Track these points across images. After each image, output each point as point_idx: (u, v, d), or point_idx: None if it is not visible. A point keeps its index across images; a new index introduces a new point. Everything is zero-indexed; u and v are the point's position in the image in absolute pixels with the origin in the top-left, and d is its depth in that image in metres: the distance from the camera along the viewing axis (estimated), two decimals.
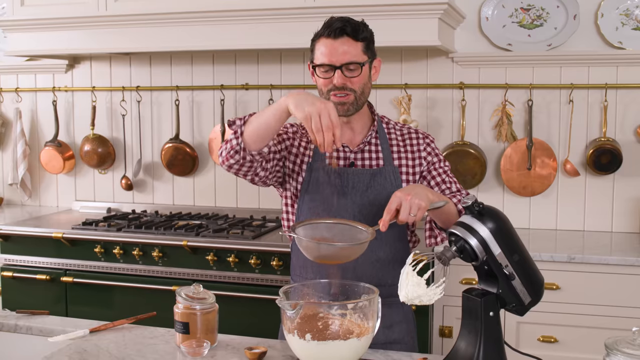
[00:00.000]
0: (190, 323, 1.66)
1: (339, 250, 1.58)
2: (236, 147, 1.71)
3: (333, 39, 1.74)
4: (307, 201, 1.86)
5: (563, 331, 2.63)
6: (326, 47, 1.75)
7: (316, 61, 1.78)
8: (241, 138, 1.70)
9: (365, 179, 1.84)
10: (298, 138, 1.93)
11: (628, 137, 3.03)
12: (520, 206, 3.16)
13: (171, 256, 2.96)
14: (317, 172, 1.86)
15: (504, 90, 3.11)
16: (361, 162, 1.87)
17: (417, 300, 1.45)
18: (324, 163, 1.85)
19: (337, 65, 1.74)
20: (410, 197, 1.57)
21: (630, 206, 3.04)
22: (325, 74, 1.77)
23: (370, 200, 1.82)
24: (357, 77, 1.76)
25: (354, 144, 1.89)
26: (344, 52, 1.74)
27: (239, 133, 1.70)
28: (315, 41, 1.80)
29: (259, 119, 1.70)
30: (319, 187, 1.84)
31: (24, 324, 1.87)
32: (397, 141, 1.91)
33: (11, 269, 3.17)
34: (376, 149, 1.89)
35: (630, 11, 2.96)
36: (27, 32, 3.26)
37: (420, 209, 1.57)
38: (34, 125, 3.83)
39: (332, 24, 1.76)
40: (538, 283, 1.51)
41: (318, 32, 1.80)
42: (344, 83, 1.76)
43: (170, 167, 3.54)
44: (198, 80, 3.53)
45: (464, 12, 3.08)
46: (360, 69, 1.76)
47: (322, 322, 1.50)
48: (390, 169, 1.86)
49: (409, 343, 1.91)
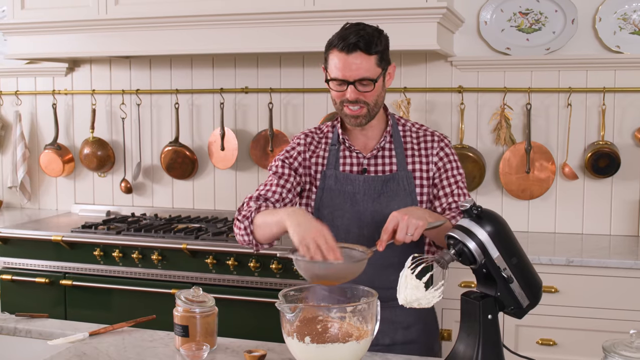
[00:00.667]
0: (189, 326, 1.67)
1: (336, 269, 1.56)
2: (249, 244, 1.81)
3: (346, 53, 1.72)
4: (321, 208, 1.87)
5: (562, 334, 2.64)
6: (339, 61, 1.73)
7: (330, 74, 1.77)
8: (252, 236, 1.78)
9: (378, 186, 1.84)
10: (305, 151, 1.92)
11: (626, 140, 3.04)
12: (519, 209, 3.17)
13: (170, 259, 2.96)
14: (331, 180, 1.87)
15: (503, 94, 3.12)
16: (374, 167, 1.87)
17: (415, 303, 1.45)
18: (336, 171, 1.86)
19: (350, 81, 1.74)
20: (407, 217, 1.58)
21: (629, 209, 3.05)
22: (338, 87, 1.77)
23: (382, 206, 1.82)
24: (370, 92, 1.76)
25: (367, 149, 1.89)
26: (357, 68, 1.72)
27: (249, 230, 1.78)
28: (329, 51, 1.78)
29: (265, 229, 1.75)
30: (332, 194, 1.85)
31: (24, 327, 1.87)
32: (412, 144, 1.89)
33: (10, 272, 3.17)
34: (390, 153, 1.88)
35: (628, 15, 2.98)
36: (27, 35, 3.27)
37: (417, 229, 1.58)
38: (33, 128, 3.84)
39: (346, 37, 1.72)
40: (536, 286, 1.52)
41: (332, 40, 1.77)
42: (357, 97, 1.76)
43: (170, 170, 3.55)
44: (198, 84, 3.54)
45: (462, 16, 3.10)
46: (373, 84, 1.75)
47: (322, 325, 1.50)
48: (404, 174, 1.85)
49: (426, 342, 1.91)
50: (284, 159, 1.92)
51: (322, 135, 1.94)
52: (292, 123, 3.42)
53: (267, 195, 1.86)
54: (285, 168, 1.90)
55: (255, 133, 3.46)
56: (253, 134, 3.47)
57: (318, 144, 1.93)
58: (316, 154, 1.92)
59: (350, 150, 1.89)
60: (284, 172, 1.89)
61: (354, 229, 1.83)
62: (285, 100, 3.43)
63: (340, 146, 1.90)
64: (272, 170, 1.91)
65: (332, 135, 1.92)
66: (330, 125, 1.95)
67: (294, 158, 1.92)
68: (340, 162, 1.88)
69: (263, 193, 1.87)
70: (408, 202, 1.83)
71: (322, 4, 2.84)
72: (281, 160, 1.92)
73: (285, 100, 3.43)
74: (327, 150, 1.91)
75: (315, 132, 1.96)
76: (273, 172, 1.91)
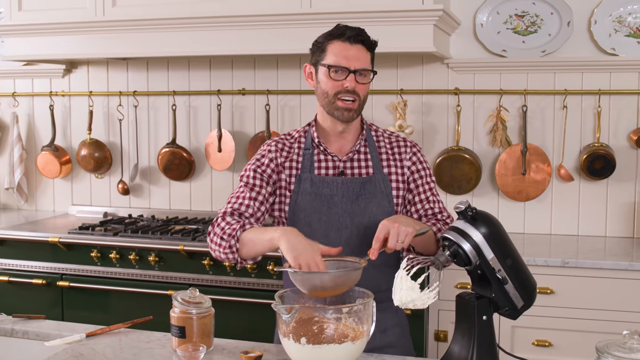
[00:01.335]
0: (186, 327, 1.67)
1: (333, 279, 1.57)
2: (231, 261, 1.80)
3: (350, 44, 1.78)
4: (296, 212, 1.86)
5: (557, 335, 2.65)
6: (342, 49, 1.78)
7: (329, 62, 1.79)
8: (237, 254, 1.77)
9: (356, 188, 1.84)
10: (277, 157, 1.90)
11: (621, 142, 3.05)
12: (514, 211, 3.18)
13: (167, 261, 2.97)
14: (306, 183, 1.86)
15: (499, 95, 3.13)
16: (350, 170, 1.88)
17: (411, 304, 1.46)
18: (312, 174, 1.87)
19: (352, 70, 1.77)
20: (397, 224, 1.60)
21: (624, 211, 3.06)
22: (337, 75, 1.78)
23: (361, 208, 1.83)
24: (365, 85, 1.81)
25: (342, 152, 1.90)
26: (358, 58, 1.78)
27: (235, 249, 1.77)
28: (327, 42, 1.80)
29: (253, 247, 1.75)
30: (307, 198, 1.85)
31: (21, 328, 1.88)
32: (386, 149, 1.92)
33: (7, 274, 3.17)
34: (365, 157, 1.89)
35: (623, 18, 2.99)
36: (24, 37, 3.28)
37: (407, 236, 1.60)
38: (30, 130, 3.84)
39: (346, 30, 1.79)
40: (531, 287, 1.53)
41: (331, 33, 1.81)
42: (354, 87, 1.78)
43: (167, 172, 3.55)
44: (195, 85, 3.55)
45: (459, 18, 3.11)
46: (371, 76, 1.82)
47: (318, 326, 1.51)
48: (380, 177, 1.87)
49: (405, 346, 1.93)
50: (255, 168, 1.89)
51: (294, 140, 1.93)
52: (289, 125, 3.43)
53: (241, 209, 1.84)
54: (257, 179, 1.87)
55: (252, 135, 3.47)
56: (250, 135, 3.48)
57: (290, 149, 1.91)
58: (289, 158, 1.90)
59: (325, 153, 1.89)
60: (255, 184, 1.87)
61: (331, 232, 1.83)
62: (282, 102, 3.44)
63: (314, 150, 1.89)
64: (244, 182, 1.88)
65: (306, 140, 1.91)
66: (302, 131, 1.94)
67: (267, 165, 1.89)
68: (315, 165, 1.88)
69: (237, 207, 1.84)
70: (385, 204, 1.85)
71: (319, 6, 2.85)
72: (252, 171, 1.88)
73: (283, 102, 3.44)
74: (300, 154, 1.90)
75: (285, 138, 1.94)
76: (244, 183, 1.88)
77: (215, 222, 1.82)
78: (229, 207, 1.85)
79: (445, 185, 3.17)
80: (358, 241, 1.82)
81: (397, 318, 1.92)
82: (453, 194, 3.19)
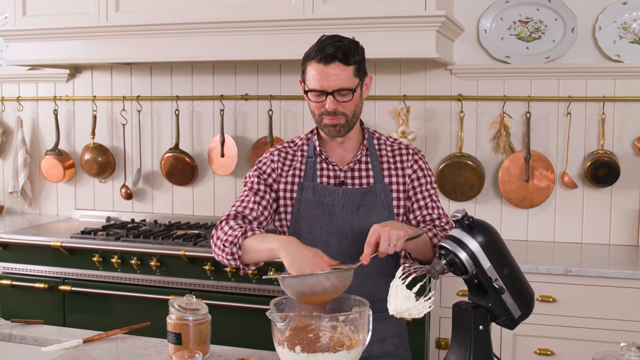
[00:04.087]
0: (182, 334, 1.67)
1: (325, 281, 1.55)
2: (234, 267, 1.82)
3: (324, 64, 1.73)
4: (298, 220, 1.86)
5: (559, 344, 2.63)
6: (317, 72, 1.74)
7: (308, 85, 1.78)
8: (239, 261, 1.77)
9: (357, 198, 1.84)
10: (281, 167, 1.90)
11: (626, 149, 3.03)
12: (518, 218, 3.16)
13: (169, 266, 2.97)
14: (309, 192, 1.86)
15: (502, 102, 3.12)
16: (351, 180, 1.87)
17: (406, 313, 1.45)
18: (314, 182, 1.86)
19: (329, 92, 1.74)
20: (388, 228, 1.59)
21: (628, 219, 3.04)
22: (317, 98, 1.77)
23: (361, 219, 1.82)
24: (348, 102, 1.76)
25: (344, 162, 1.89)
26: (335, 78, 1.73)
27: (237, 256, 1.76)
28: (306, 63, 1.78)
29: (254, 255, 1.74)
30: (310, 206, 1.84)
31: (19, 333, 1.88)
32: (388, 157, 1.91)
33: (10, 277, 3.18)
34: (366, 167, 1.88)
35: (627, 24, 2.97)
36: (29, 41, 3.29)
37: (399, 239, 1.58)
38: (34, 134, 3.86)
39: (323, 48, 1.73)
40: (528, 297, 1.51)
41: (309, 52, 1.77)
42: (335, 108, 1.76)
43: (170, 177, 3.56)
44: (198, 91, 3.55)
45: (462, 24, 3.10)
46: (352, 94, 1.76)
47: (313, 334, 1.50)
48: (381, 187, 1.86)
49: (403, 355, 1.91)
50: (258, 174, 1.90)
51: (297, 148, 1.93)
52: (291, 130, 3.42)
53: (245, 212, 1.84)
54: (260, 184, 1.88)
55: (255, 140, 3.47)
56: (253, 140, 3.48)
57: (294, 157, 1.92)
58: (293, 166, 1.90)
59: (327, 162, 1.88)
60: (259, 189, 1.88)
61: (332, 241, 1.82)
62: (285, 108, 3.44)
63: (316, 158, 1.89)
64: (248, 186, 1.89)
65: (308, 148, 1.91)
66: (305, 138, 1.94)
67: (268, 174, 1.90)
68: (318, 174, 1.87)
69: (240, 210, 1.85)
70: (386, 215, 1.84)
71: (321, 12, 2.85)
72: (256, 177, 1.89)
73: (285, 108, 3.44)
74: (303, 162, 1.89)
75: (289, 146, 1.94)
76: (249, 187, 1.89)
77: (219, 225, 1.82)
78: (232, 210, 1.86)
79: (448, 192, 3.15)
80: (358, 250, 1.80)
81: (396, 327, 1.90)
82: (456, 201, 3.18)
